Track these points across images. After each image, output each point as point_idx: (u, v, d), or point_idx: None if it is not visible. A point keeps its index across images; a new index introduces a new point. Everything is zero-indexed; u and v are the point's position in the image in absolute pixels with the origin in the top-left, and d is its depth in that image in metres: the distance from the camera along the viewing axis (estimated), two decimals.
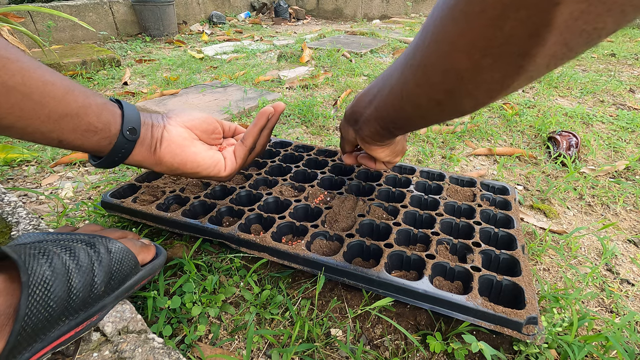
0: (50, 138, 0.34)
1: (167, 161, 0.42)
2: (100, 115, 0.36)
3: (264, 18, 4.00)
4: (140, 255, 0.44)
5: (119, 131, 0.38)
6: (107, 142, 0.37)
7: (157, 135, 0.41)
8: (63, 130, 0.34)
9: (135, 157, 0.40)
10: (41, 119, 0.32)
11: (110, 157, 0.39)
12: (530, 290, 0.45)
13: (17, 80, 0.30)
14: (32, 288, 0.30)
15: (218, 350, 0.44)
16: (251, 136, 0.49)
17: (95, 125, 0.36)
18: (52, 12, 1.24)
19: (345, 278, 0.48)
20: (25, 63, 0.31)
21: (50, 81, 0.32)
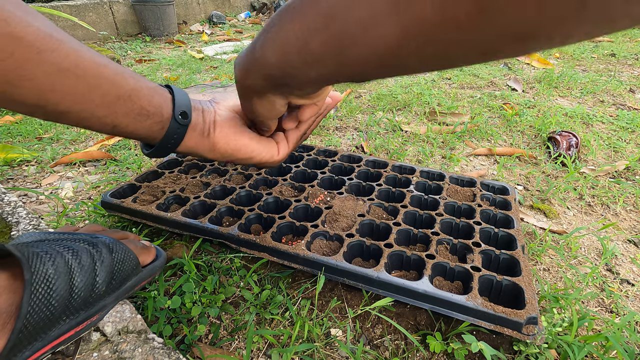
0: (105, 123, 0.33)
1: (222, 147, 0.40)
2: (152, 99, 0.35)
3: (264, 18, 4.00)
4: (141, 257, 0.44)
5: (171, 115, 0.36)
6: (160, 127, 0.36)
7: (209, 120, 0.40)
8: (117, 114, 0.33)
9: (188, 142, 0.38)
10: (96, 103, 0.31)
11: (163, 144, 0.37)
12: (530, 290, 0.45)
13: (71, 62, 0.29)
14: (34, 286, 0.30)
15: (218, 350, 0.44)
16: (307, 122, 0.46)
17: (147, 108, 0.35)
18: (52, 12, 1.24)
19: (345, 278, 0.48)
20: (77, 45, 0.30)
21: (103, 63, 0.31)
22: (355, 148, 0.98)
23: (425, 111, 1.23)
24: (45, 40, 0.27)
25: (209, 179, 0.68)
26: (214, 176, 0.71)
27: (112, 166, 0.87)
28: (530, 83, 1.58)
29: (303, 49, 0.25)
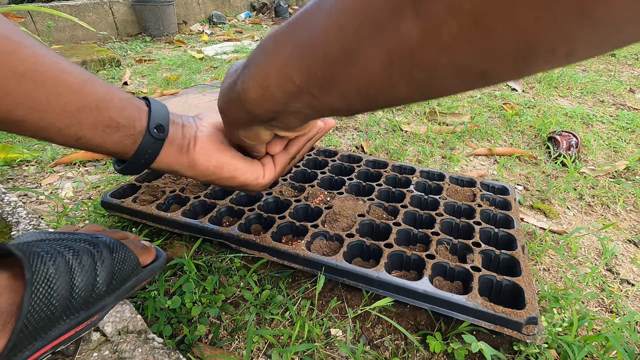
0: (67, 135, 0.30)
1: (202, 164, 0.38)
2: (123, 110, 0.33)
3: (264, 18, 4.00)
4: (141, 257, 0.44)
5: (145, 129, 0.34)
6: (132, 141, 0.34)
7: (189, 134, 0.38)
8: (82, 125, 0.30)
9: (164, 158, 0.36)
10: (56, 112, 0.29)
11: (136, 159, 0.35)
12: (530, 290, 0.45)
13: (29, 67, 0.27)
14: (35, 286, 0.30)
15: (218, 350, 0.44)
16: (297, 145, 0.43)
17: (117, 120, 0.32)
18: (52, 12, 1.24)
19: (345, 278, 0.48)
20: (39, 49, 0.28)
21: (67, 70, 0.29)
22: (355, 148, 0.98)
23: (425, 111, 1.23)
24: (0, 41, 0.25)
25: None
26: None
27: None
28: (530, 83, 1.58)
29: (283, 83, 0.24)
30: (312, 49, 0.21)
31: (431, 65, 0.18)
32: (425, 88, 0.20)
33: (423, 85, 0.19)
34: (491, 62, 0.16)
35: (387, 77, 0.19)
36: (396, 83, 0.19)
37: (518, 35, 0.15)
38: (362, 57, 0.19)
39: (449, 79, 0.18)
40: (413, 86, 0.19)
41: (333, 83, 0.22)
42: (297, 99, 0.25)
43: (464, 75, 0.18)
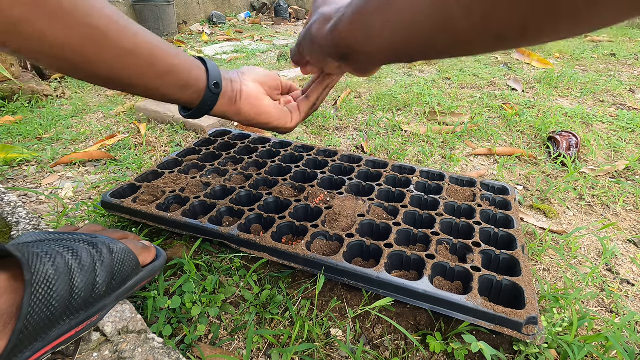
0: (156, 93, 0.39)
1: (246, 112, 0.47)
2: (192, 72, 0.41)
3: (264, 18, 4.00)
4: (141, 257, 0.45)
5: (206, 86, 0.42)
6: (197, 96, 0.42)
7: (237, 88, 0.46)
8: (168, 85, 0.39)
9: (218, 108, 0.45)
10: (152, 76, 0.37)
11: (200, 109, 0.44)
12: (530, 290, 0.45)
13: (133, 45, 0.34)
14: (35, 287, 0.30)
15: (218, 350, 0.44)
16: (317, 93, 0.53)
17: (188, 81, 0.41)
18: None
19: (345, 278, 0.48)
20: (136, 27, 0.35)
21: (156, 44, 0.37)
22: (355, 148, 0.98)
23: (425, 111, 1.23)
24: (113, 27, 0.32)
25: (209, 179, 0.68)
26: (214, 176, 0.71)
27: (112, 166, 0.87)
28: (530, 83, 1.58)
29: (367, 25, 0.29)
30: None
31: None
32: (461, 46, 0.23)
33: (460, 42, 0.23)
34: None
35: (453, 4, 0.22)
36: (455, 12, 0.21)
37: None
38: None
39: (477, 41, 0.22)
40: (452, 43, 0.23)
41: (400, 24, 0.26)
42: (372, 41, 0.29)
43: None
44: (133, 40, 0.34)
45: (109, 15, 0.32)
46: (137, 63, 0.36)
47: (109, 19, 0.32)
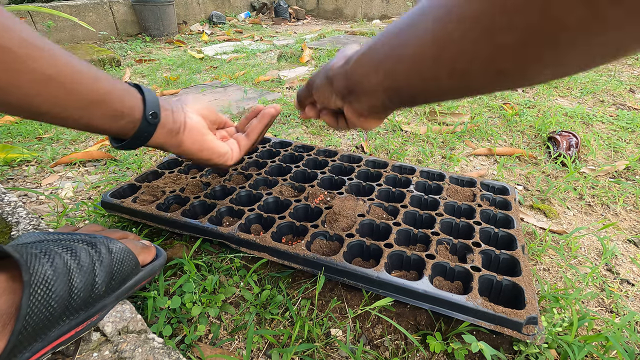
0: (80, 123, 0.36)
1: (188, 146, 0.45)
2: (125, 101, 0.38)
3: (264, 18, 4.00)
4: (141, 256, 0.45)
5: (142, 115, 0.39)
6: (132, 126, 0.39)
7: (179, 120, 0.44)
8: (93, 115, 0.35)
9: (156, 139, 0.42)
10: (72, 106, 0.33)
11: (134, 140, 0.41)
12: (530, 290, 0.45)
13: (53, 70, 0.31)
14: (33, 287, 0.30)
15: (218, 350, 0.44)
16: (257, 132, 0.53)
17: (122, 110, 0.37)
18: (52, 12, 1.24)
19: (345, 278, 0.48)
20: (57, 51, 0.32)
21: (79, 70, 0.33)
22: (355, 148, 0.98)
23: (425, 111, 1.23)
24: (29, 49, 0.29)
25: (209, 179, 0.68)
26: (214, 176, 0.71)
27: (112, 166, 0.87)
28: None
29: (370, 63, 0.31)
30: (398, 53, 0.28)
31: (463, 56, 0.22)
32: (463, 81, 0.24)
33: (461, 75, 0.24)
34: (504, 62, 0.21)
35: (437, 64, 0.24)
36: (440, 69, 0.24)
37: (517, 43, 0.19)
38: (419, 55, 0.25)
39: (476, 72, 0.23)
40: (454, 76, 0.24)
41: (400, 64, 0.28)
42: (376, 74, 0.31)
43: (486, 72, 0.22)
44: (52, 64, 0.31)
45: (22, 36, 0.29)
46: (57, 91, 0.32)
47: (23, 40, 0.28)
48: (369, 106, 0.35)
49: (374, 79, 0.31)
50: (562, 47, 0.18)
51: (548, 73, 0.20)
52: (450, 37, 0.22)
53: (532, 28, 0.18)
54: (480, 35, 0.20)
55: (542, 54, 0.19)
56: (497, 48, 0.20)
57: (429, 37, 0.24)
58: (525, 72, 0.21)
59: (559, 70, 0.20)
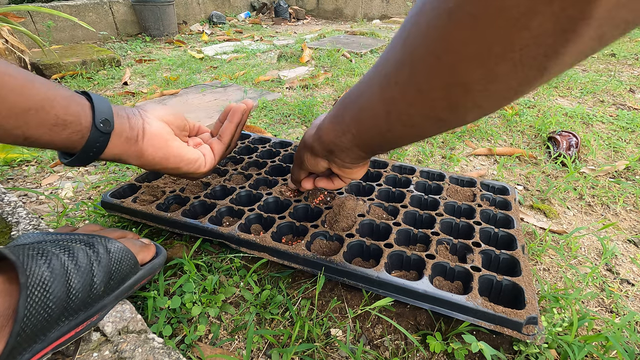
0: (15, 135, 0.31)
1: (150, 154, 0.40)
2: (68, 108, 0.34)
3: (264, 18, 4.00)
4: (140, 255, 0.44)
5: (91, 123, 0.35)
6: (79, 137, 0.35)
7: (137, 126, 0.40)
8: (28, 125, 0.31)
9: (112, 150, 0.38)
10: (2, 114, 0.30)
11: (85, 152, 0.36)
12: (530, 290, 0.45)
13: None
14: (30, 289, 0.30)
15: (218, 350, 0.44)
16: (229, 132, 0.50)
17: (64, 118, 0.33)
18: (52, 12, 1.24)
19: (345, 278, 0.48)
20: None
21: (6, 72, 0.30)
22: None
23: None
24: None
25: (209, 179, 0.68)
26: (214, 176, 0.71)
27: (112, 166, 0.87)
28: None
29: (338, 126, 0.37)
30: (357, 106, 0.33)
31: (406, 111, 0.27)
32: (411, 128, 0.29)
33: (409, 125, 0.28)
34: (439, 112, 0.26)
35: (388, 119, 0.29)
36: (394, 124, 0.29)
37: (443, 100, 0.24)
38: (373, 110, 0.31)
39: (421, 122, 0.28)
40: (404, 126, 0.29)
41: (362, 125, 0.34)
42: (345, 135, 0.36)
43: (428, 120, 0.27)
44: None
45: None
46: None
47: None
48: (350, 159, 0.40)
49: (345, 140, 0.36)
50: (475, 95, 0.22)
51: (476, 112, 0.25)
52: (393, 100, 0.27)
53: (450, 85, 0.22)
54: (415, 97, 0.25)
55: (463, 102, 0.23)
56: (432, 103, 0.24)
57: (378, 101, 0.29)
58: (458, 116, 0.25)
59: (482, 111, 0.24)
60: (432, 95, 0.24)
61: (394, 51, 0.26)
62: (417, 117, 0.27)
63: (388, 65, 0.27)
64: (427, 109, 0.25)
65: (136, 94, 1.43)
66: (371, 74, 0.30)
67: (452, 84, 0.22)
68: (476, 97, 0.22)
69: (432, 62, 0.22)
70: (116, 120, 0.37)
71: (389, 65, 0.27)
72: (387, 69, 0.27)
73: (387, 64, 0.27)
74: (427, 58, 0.22)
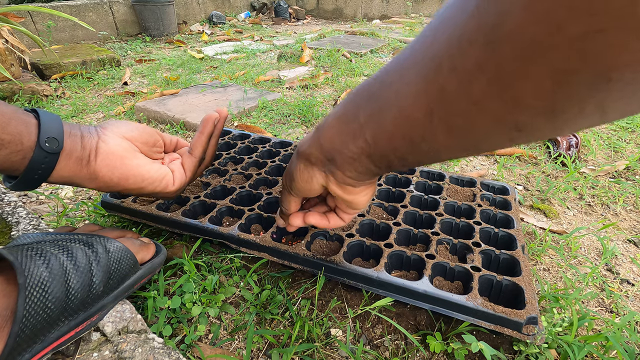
0: None
1: (105, 175, 0.37)
2: (7, 126, 0.31)
3: (264, 18, 4.00)
4: (140, 254, 0.44)
5: (35, 143, 0.32)
6: (21, 157, 0.32)
7: (90, 146, 0.36)
8: None
9: (61, 172, 0.35)
10: None
11: (28, 175, 0.33)
12: (530, 290, 0.45)
13: None
14: (29, 290, 0.30)
15: (218, 350, 0.44)
16: (200, 145, 0.45)
17: (1, 137, 0.30)
18: (52, 12, 1.24)
19: (345, 278, 0.48)
20: None
21: None
22: None
23: None
24: None
25: (209, 179, 0.68)
26: (214, 176, 0.71)
27: None
28: None
29: (347, 127, 0.29)
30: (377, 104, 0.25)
31: (465, 112, 0.19)
32: (464, 137, 0.21)
33: (461, 133, 0.21)
34: (522, 114, 0.17)
35: (428, 122, 0.21)
36: (436, 129, 0.21)
37: (537, 90, 0.16)
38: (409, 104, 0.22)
39: (485, 129, 0.20)
40: (452, 134, 0.21)
41: (383, 128, 0.25)
42: (355, 141, 0.28)
43: (499, 127, 0.19)
44: None
45: None
46: None
47: None
48: (355, 174, 0.31)
49: (354, 146, 0.28)
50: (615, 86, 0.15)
51: (588, 121, 0.17)
52: (443, 94, 0.19)
53: (568, 71, 0.14)
54: (486, 89, 0.17)
55: (577, 100, 0.16)
56: (517, 101, 0.17)
57: (416, 95, 0.21)
58: (553, 123, 0.17)
59: (601, 118, 0.17)
60: (523, 86, 0.16)
61: (453, 22, 0.18)
62: (481, 121, 0.19)
63: (437, 45, 0.19)
64: (503, 109, 0.17)
65: (136, 94, 1.43)
66: (403, 58, 0.22)
67: (572, 70, 0.14)
68: (612, 93, 0.15)
69: (544, 33, 0.14)
70: (67, 140, 0.34)
71: (440, 45, 0.19)
72: (436, 49, 0.19)
73: (435, 44, 0.19)
74: (532, 24, 0.14)
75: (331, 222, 0.41)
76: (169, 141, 0.47)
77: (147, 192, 0.41)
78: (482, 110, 0.18)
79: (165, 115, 1.12)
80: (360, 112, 0.26)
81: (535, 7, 0.14)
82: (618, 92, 0.14)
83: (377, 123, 0.25)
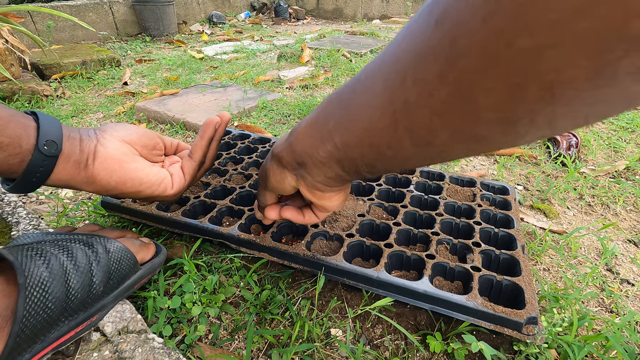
0: None
1: (102, 179, 0.37)
2: (6, 128, 0.31)
3: (264, 18, 4.00)
4: (140, 254, 0.44)
5: (34, 146, 0.32)
6: (19, 160, 0.32)
7: (88, 149, 0.36)
8: None
9: (59, 175, 0.35)
10: None
11: (26, 178, 0.33)
12: (530, 290, 0.45)
13: None
14: (29, 290, 0.30)
15: (218, 350, 0.44)
16: (200, 149, 0.45)
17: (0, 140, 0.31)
18: (52, 12, 1.24)
19: (345, 278, 0.48)
20: None
21: None
22: None
23: None
24: None
25: (209, 179, 0.68)
26: (214, 176, 0.71)
27: None
28: None
29: (319, 131, 0.29)
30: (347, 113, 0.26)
31: (427, 123, 0.20)
32: (427, 147, 0.22)
33: (425, 143, 0.22)
34: (480, 125, 0.18)
35: (393, 131, 0.22)
36: (401, 138, 0.22)
37: (493, 102, 0.17)
38: (375, 115, 0.23)
39: (446, 139, 0.21)
40: (416, 144, 0.22)
41: (350, 135, 0.26)
42: (324, 146, 0.28)
43: (459, 137, 0.20)
44: None
45: None
46: None
47: None
48: (324, 179, 0.31)
49: (323, 151, 0.29)
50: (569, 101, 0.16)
51: (541, 132, 0.18)
52: (406, 105, 0.20)
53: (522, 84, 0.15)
54: (447, 103, 0.18)
55: (538, 113, 0.16)
56: (476, 114, 0.18)
57: (380, 105, 0.22)
58: (512, 136, 0.18)
59: (552, 130, 0.18)
60: (481, 100, 0.17)
61: (417, 35, 0.19)
62: (442, 132, 0.20)
63: (403, 57, 0.20)
64: (463, 122, 0.18)
65: (136, 94, 1.43)
66: (373, 68, 0.23)
67: (529, 81, 0.15)
68: (569, 105, 0.15)
69: (497, 47, 0.15)
70: (65, 143, 0.35)
71: (405, 56, 0.19)
72: (402, 61, 0.20)
73: (400, 56, 0.20)
74: (487, 39, 0.15)
75: (306, 218, 0.41)
76: (169, 144, 0.47)
77: (145, 195, 0.41)
78: (443, 121, 0.19)
79: (165, 115, 1.12)
80: (331, 119, 0.27)
81: (492, 22, 0.15)
82: (563, 106, 0.16)
83: (346, 129, 0.26)
